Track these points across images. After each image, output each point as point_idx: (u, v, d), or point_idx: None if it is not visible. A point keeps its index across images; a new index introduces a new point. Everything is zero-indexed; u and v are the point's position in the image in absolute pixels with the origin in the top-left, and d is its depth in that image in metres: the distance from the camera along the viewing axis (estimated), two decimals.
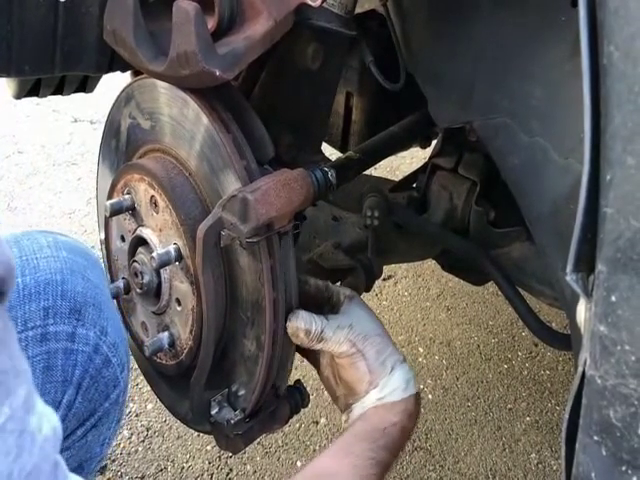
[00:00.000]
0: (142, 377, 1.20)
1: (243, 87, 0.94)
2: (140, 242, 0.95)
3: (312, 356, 0.99)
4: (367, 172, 1.29)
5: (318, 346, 0.89)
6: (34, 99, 1.25)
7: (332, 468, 0.81)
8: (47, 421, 0.48)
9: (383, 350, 0.90)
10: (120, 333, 0.94)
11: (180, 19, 0.72)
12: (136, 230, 0.95)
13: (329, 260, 1.16)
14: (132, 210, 0.94)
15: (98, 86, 1.34)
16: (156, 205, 0.89)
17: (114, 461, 1.56)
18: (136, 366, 1.12)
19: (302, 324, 0.87)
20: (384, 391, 0.88)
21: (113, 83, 1.30)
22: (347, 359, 0.90)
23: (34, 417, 0.46)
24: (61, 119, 3.28)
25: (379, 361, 0.89)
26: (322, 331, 0.87)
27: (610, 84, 0.45)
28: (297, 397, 1.00)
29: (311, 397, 1.04)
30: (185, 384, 0.93)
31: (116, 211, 0.93)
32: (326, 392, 1.77)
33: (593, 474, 0.50)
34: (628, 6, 0.44)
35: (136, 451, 1.59)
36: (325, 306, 0.97)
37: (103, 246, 1.06)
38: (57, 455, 0.49)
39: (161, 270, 0.91)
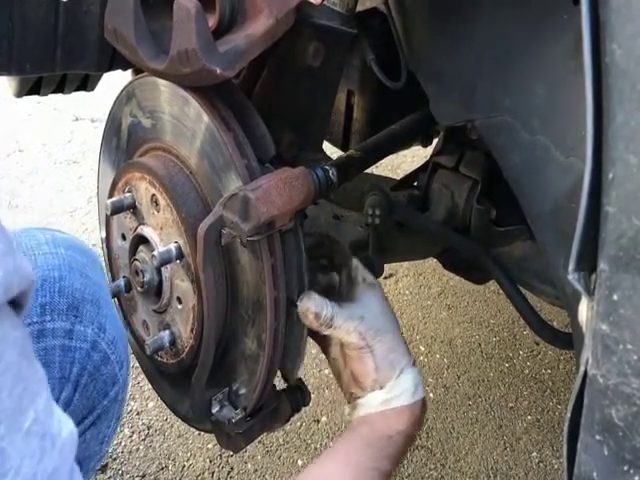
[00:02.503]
0: (143, 375, 1.20)
1: (244, 85, 0.94)
2: (141, 240, 0.95)
3: (322, 338, 0.97)
4: (368, 170, 1.29)
5: (326, 332, 0.87)
6: (35, 98, 1.25)
7: (333, 476, 0.80)
8: (65, 425, 0.49)
9: (393, 349, 0.88)
10: (119, 330, 0.94)
11: (181, 17, 0.72)
12: (137, 228, 0.95)
13: None
14: (133, 208, 0.94)
15: (99, 84, 1.34)
16: (157, 203, 0.89)
17: (115, 460, 1.56)
18: (137, 364, 1.13)
19: (313, 306, 0.85)
20: (391, 393, 0.86)
21: (114, 81, 1.30)
22: (355, 351, 0.88)
23: (55, 421, 0.47)
24: (62, 117, 3.28)
25: (388, 360, 0.87)
26: (332, 318, 0.85)
27: (612, 82, 0.45)
28: (298, 396, 1.00)
29: (312, 396, 1.04)
30: (186, 383, 0.93)
31: (117, 209, 0.93)
32: (327, 391, 1.77)
33: (595, 474, 0.50)
34: (631, 4, 0.44)
35: (137, 449, 1.59)
36: (340, 276, 0.95)
37: (104, 244, 1.06)
38: (73, 461, 0.49)
39: (162, 268, 0.91)
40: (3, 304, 0.43)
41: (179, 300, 0.91)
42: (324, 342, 0.97)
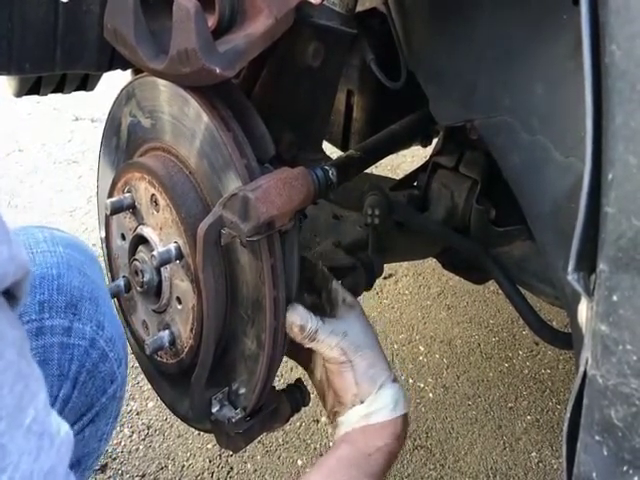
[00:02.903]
0: (143, 375, 1.20)
1: (244, 85, 0.94)
2: (140, 240, 0.95)
3: (304, 357, 0.99)
4: (368, 170, 1.29)
5: (309, 345, 0.89)
6: (34, 97, 1.25)
7: None
8: (62, 426, 0.49)
9: (374, 365, 0.89)
10: (117, 328, 0.94)
11: (180, 17, 0.72)
12: (137, 228, 0.95)
13: (329, 259, 1.15)
14: (133, 208, 0.94)
15: (99, 84, 1.34)
16: (156, 203, 0.89)
17: (115, 459, 1.56)
18: (137, 364, 1.13)
19: (298, 319, 0.86)
20: (370, 408, 0.87)
21: (114, 81, 1.30)
22: (336, 366, 0.89)
23: (54, 420, 0.47)
24: (62, 117, 3.28)
25: (368, 375, 0.88)
26: (316, 331, 0.87)
27: (612, 83, 0.45)
28: (298, 396, 1.00)
29: (312, 396, 1.04)
30: (186, 382, 0.93)
31: (116, 209, 0.93)
32: None
33: (594, 474, 0.50)
34: (629, 5, 0.44)
35: (137, 449, 1.59)
36: (321, 296, 0.96)
37: (103, 244, 1.06)
38: (68, 467, 0.49)
39: (161, 268, 0.91)
40: None
41: (179, 300, 0.91)
42: (309, 364, 0.99)
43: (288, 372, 1.81)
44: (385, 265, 1.24)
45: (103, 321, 0.90)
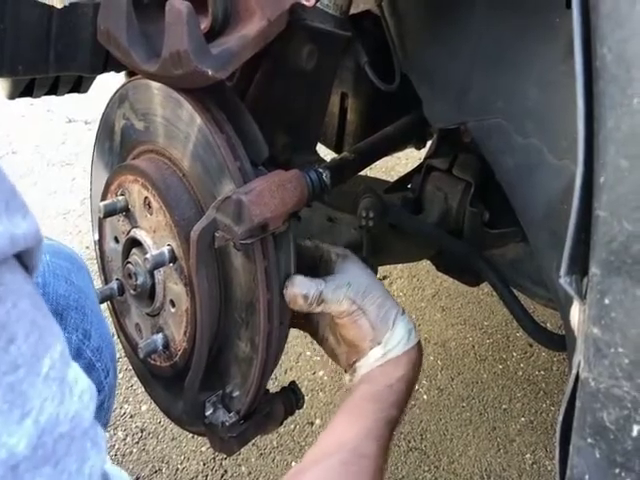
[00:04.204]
0: (136, 378, 1.19)
1: (237, 88, 0.94)
2: (134, 243, 0.94)
3: (308, 323, 0.98)
4: (362, 172, 1.29)
5: (318, 309, 0.88)
6: (28, 99, 1.25)
7: (344, 436, 0.80)
8: (82, 377, 0.50)
9: (383, 304, 0.90)
10: (106, 338, 0.93)
11: (173, 19, 0.72)
12: (130, 231, 0.94)
13: None
14: (126, 211, 0.93)
15: (92, 86, 1.34)
16: (150, 206, 0.89)
17: None
18: (130, 367, 1.12)
19: (299, 289, 0.86)
20: (387, 346, 0.88)
21: (107, 83, 1.30)
22: (348, 318, 0.89)
23: (71, 370, 0.48)
24: (55, 119, 3.27)
25: (380, 316, 0.89)
26: (321, 293, 0.86)
27: (603, 86, 0.45)
28: (292, 398, 1.00)
29: (306, 398, 1.04)
30: (179, 386, 0.93)
31: (110, 212, 0.92)
32: (321, 393, 1.77)
33: (587, 477, 0.50)
34: (620, 9, 0.44)
35: (130, 452, 1.59)
36: (318, 266, 0.96)
37: (97, 247, 1.06)
38: (93, 414, 0.50)
39: (155, 271, 0.91)
40: (12, 258, 0.43)
41: (172, 303, 0.91)
42: (311, 327, 0.98)
43: (282, 375, 1.81)
44: (379, 267, 1.24)
45: (90, 330, 0.89)
